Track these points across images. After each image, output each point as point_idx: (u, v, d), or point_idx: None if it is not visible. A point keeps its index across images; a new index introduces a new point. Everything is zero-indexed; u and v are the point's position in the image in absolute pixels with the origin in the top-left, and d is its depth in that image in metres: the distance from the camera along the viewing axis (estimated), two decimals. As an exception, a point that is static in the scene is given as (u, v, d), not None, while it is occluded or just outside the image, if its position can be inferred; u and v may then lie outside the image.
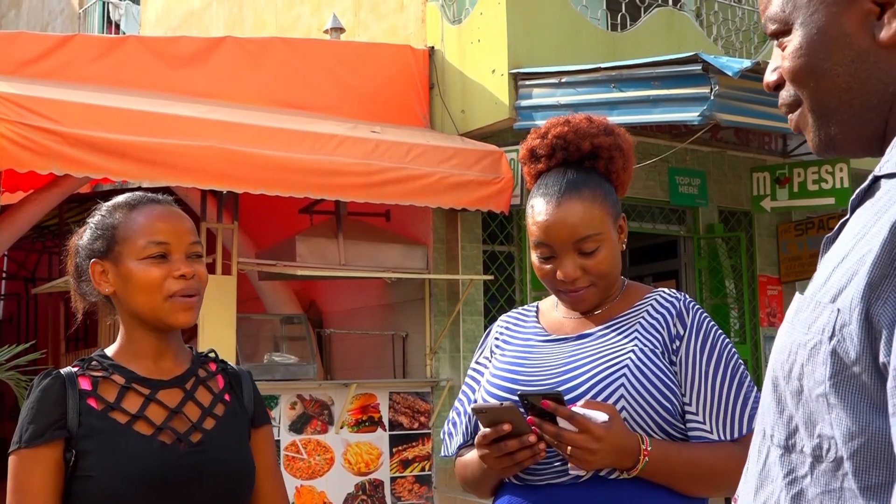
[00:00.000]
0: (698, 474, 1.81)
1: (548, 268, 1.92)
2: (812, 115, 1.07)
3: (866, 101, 1.02)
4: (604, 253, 1.90)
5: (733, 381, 1.86)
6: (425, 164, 6.96)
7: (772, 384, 1.02)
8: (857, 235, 0.96)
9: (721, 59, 6.78)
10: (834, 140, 1.06)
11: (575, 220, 1.88)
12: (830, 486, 0.93)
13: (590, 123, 1.99)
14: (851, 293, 0.91)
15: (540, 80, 7.33)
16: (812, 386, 0.94)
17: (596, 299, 1.94)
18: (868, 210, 0.97)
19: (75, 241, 1.94)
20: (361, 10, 9.02)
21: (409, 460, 7.41)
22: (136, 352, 1.85)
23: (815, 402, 0.94)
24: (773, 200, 8.85)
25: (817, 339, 0.94)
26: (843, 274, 0.93)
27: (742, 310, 9.34)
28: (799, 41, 1.05)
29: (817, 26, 1.03)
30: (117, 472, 1.71)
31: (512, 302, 8.07)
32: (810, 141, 1.09)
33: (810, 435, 0.95)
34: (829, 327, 0.92)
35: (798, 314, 0.99)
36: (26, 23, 16.27)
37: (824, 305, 0.94)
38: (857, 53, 1.01)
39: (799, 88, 1.07)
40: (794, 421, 0.98)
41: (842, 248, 0.98)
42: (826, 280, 0.96)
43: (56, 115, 5.73)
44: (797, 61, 1.06)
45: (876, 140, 1.04)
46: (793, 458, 0.98)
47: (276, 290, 8.22)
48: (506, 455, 1.77)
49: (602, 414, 1.74)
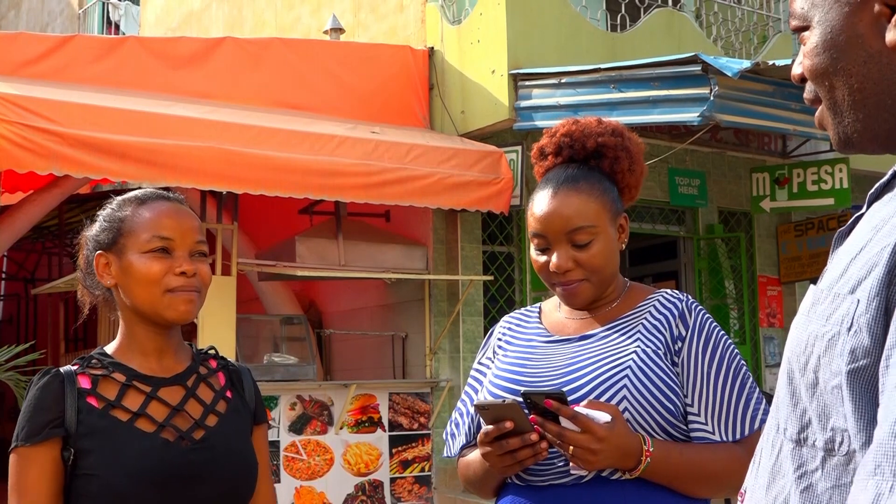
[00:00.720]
0: (700, 475, 1.81)
1: (542, 260, 1.95)
2: (830, 112, 1.08)
3: (881, 101, 1.03)
4: (597, 247, 1.90)
5: (735, 382, 1.86)
6: (425, 165, 6.96)
7: (787, 377, 1.02)
8: (875, 228, 0.96)
9: (720, 59, 6.78)
10: (850, 138, 1.07)
11: (569, 211, 1.90)
12: (841, 481, 0.93)
13: (598, 124, 2.01)
14: (871, 284, 0.91)
15: (539, 81, 7.33)
16: (828, 378, 0.94)
17: (590, 295, 1.94)
18: (887, 204, 0.98)
19: (85, 234, 1.95)
20: (361, 10, 9.02)
21: (408, 461, 7.40)
22: (136, 349, 1.85)
23: (830, 395, 0.94)
24: (772, 201, 8.86)
25: (836, 331, 0.93)
26: (863, 265, 0.94)
27: (742, 310, 9.34)
28: (816, 39, 1.06)
29: (831, 26, 1.04)
30: (120, 471, 1.71)
31: (511, 302, 8.08)
32: (831, 136, 1.10)
33: (823, 428, 0.95)
34: (849, 318, 0.92)
35: (815, 306, 0.99)
36: (26, 23, 16.27)
37: (843, 297, 0.94)
38: (870, 54, 1.02)
39: (817, 86, 1.08)
40: (808, 414, 0.97)
41: (859, 240, 0.98)
42: (843, 272, 0.96)
43: (56, 115, 5.73)
44: (814, 59, 1.07)
45: (893, 138, 1.05)
46: (803, 452, 0.98)
47: (276, 291, 8.22)
48: (507, 453, 1.77)
49: (605, 414, 1.74)
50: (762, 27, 9.53)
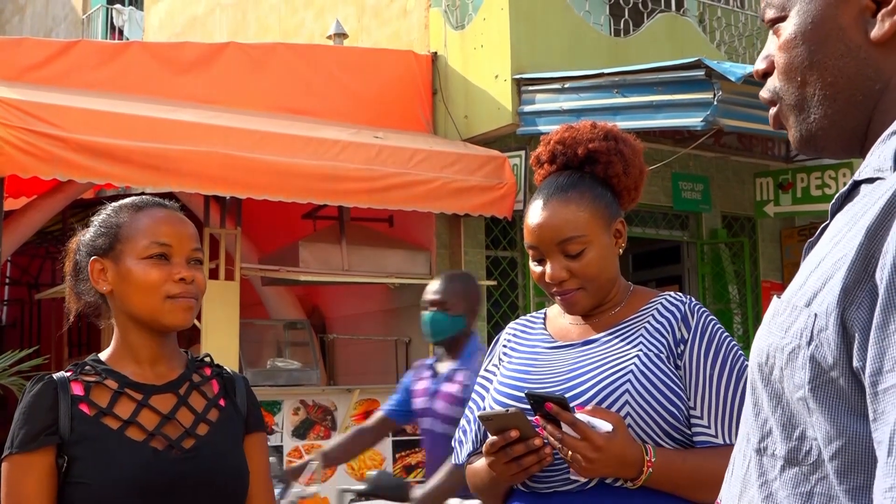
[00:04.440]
0: (704, 482, 1.80)
1: (539, 270, 1.95)
2: (794, 109, 1.07)
3: (851, 97, 1.02)
4: (590, 255, 1.90)
5: (738, 384, 1.84)
6: (428, 170, 6.96)
7: (751, 388, 1.02)
8: (833, 240, 0.96)
9: (724, 64, 6.78)
10: (815, 135, 1.06)
11: (558, 222, 1.90)
12: (798, 490, 0.93)
13: (592, 129, 2.00)
14: (827, 298, 0.90)
15: (543, 86, 7.33)
16: (792, 390, 0.94)
17: (588, 303, 1.93)
18: (845, 215, 0.97)
19: (77, 239, 1.93)
20: (365, 15, 9.03)
21: (412, 466, 7.40)
22: (130, 355, 1.84)
23: (796, 405, 0.94)
24: (776, 206, 8.85)
25: (795, 344, 0.93)
26: (819, 278, 0.93)
27: (745, 315, 9.32)
28: (793, 30, 1.05)
29: (812, 17, 1.03)
30: (108, 479, 1.70)
31: (515, 307, 8.07)
32: (791, 136, 1.09)
33: (787, 438, 0.95)
34: (808, 332, 0.92)
35: (775, 317, 0.99)
36: (30, 28, 16.30)
37: (800, 309, 0.94)
38: (848, 48, 1.01)
39: (785, 81, 1.07)
40: (769, 424, 0.98)
41: (819, 252, 0.98)
42: (803, 284, 0.96)
43: (59, 120, 5.73)
44: (789, 52, 1.06)
45: (857, 137, 1.04)
46: (764, 462, 0.98)
47: (280, 296, 8.23)
48: (513, 461, 1.77)
49: (606, 424, 1.73)
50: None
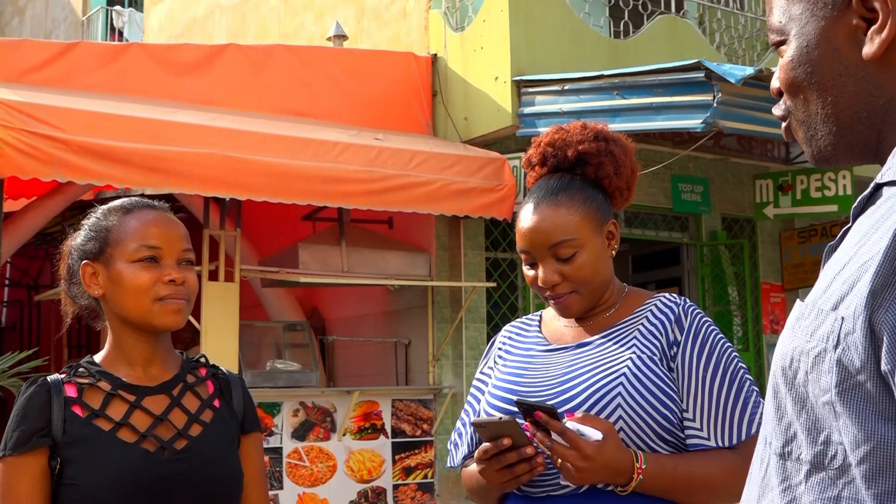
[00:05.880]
0: (694, 487, 1.79)
1: (531, 274, 1.94)
2: (803, 126, 1.08)
3: (856, 114, 1.03)
4: (582, 259, 1.88)
5: (732, 386, 1.82)
6: (428, 172, 6.96)
7: (773, 391, 1.01)
8: (858, 243, 0.96)
9: (724, 66, 6.78)
10: (823, 152, 1.07)
11: (548, 226, 1.88)
12: (825, 495, 0.93)
13: (581, 130, 1.98)
14: (855, 301, 0.90)
15: (543, 88, 7.34)
16: (818, 394, 0.93)
17: (581, 306, 1.92)
18: (869, 217, 0.97)
19: (69, 243, 1.93)
20: (364, 17, 9.04)
21: (411, 468, 7.40)
22: (123, 357, 1.84)
23: (822, 409, 0.93)
24: (776, 207, 8.86)
25: (822, 347, 0.93)
26: (845, 281, 0.93)
27: (745, 317, 9.32)
28: (792, 53, 1.07)
29: (808, 39, 1.05)
30: (100, 481, 1.70)
31: (514, 309, 8.07)
32: (806, 152, 1.11)
33: (812, 442, 0.94)
34: (834, 336, 0.92)
35: (800, 321, 0.98)
36: (30, 30, 16.31)
37: (826, 313, 0.94)
38: (846, 67, 1.02)
39: (791, 99, 1.08)
40: (793, 428, 0.97)
41: (843, 255, 0.97)
42: (827, 287, 0.96)
43: (59, 122, 5.74)
44: (789, 73, 1.07)
45: (870, 151, 1.05)
46: (787, 466, 0.98)
47: (279, 298, 8.23)
48: (505, 468, 1.76)
49: (596, 432, 1.72)
50: (765, 34, 9.53)
